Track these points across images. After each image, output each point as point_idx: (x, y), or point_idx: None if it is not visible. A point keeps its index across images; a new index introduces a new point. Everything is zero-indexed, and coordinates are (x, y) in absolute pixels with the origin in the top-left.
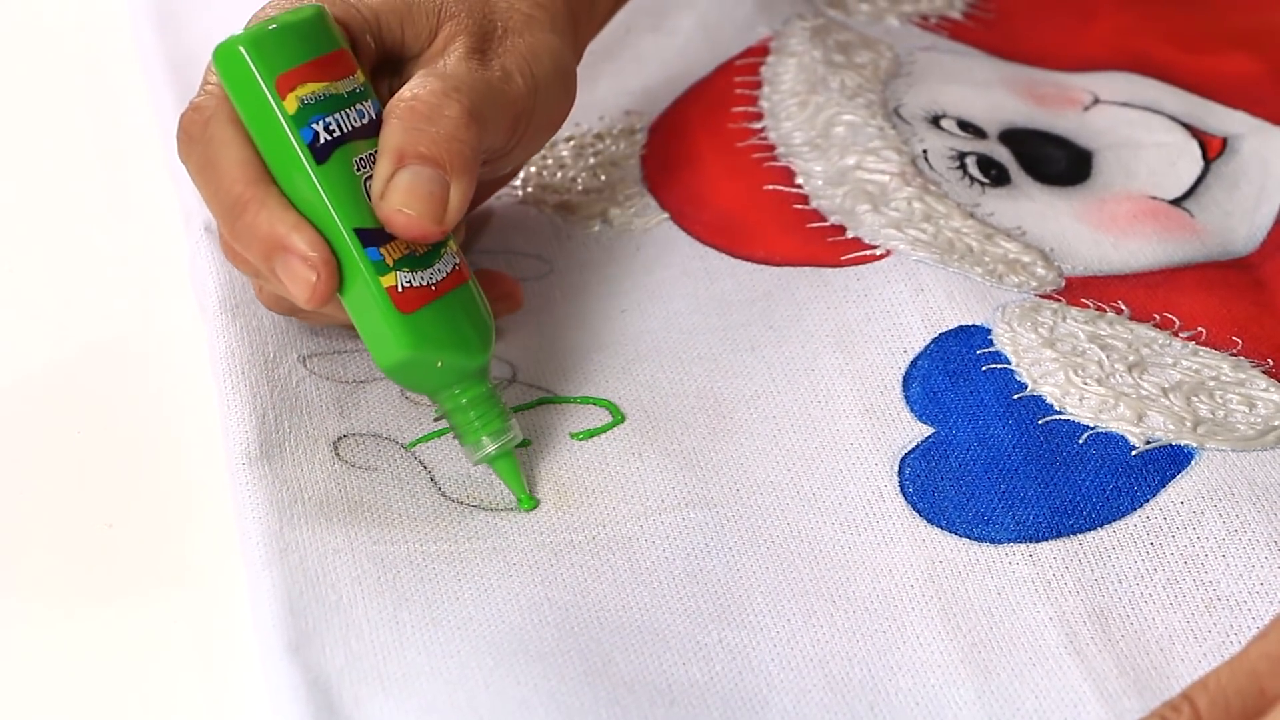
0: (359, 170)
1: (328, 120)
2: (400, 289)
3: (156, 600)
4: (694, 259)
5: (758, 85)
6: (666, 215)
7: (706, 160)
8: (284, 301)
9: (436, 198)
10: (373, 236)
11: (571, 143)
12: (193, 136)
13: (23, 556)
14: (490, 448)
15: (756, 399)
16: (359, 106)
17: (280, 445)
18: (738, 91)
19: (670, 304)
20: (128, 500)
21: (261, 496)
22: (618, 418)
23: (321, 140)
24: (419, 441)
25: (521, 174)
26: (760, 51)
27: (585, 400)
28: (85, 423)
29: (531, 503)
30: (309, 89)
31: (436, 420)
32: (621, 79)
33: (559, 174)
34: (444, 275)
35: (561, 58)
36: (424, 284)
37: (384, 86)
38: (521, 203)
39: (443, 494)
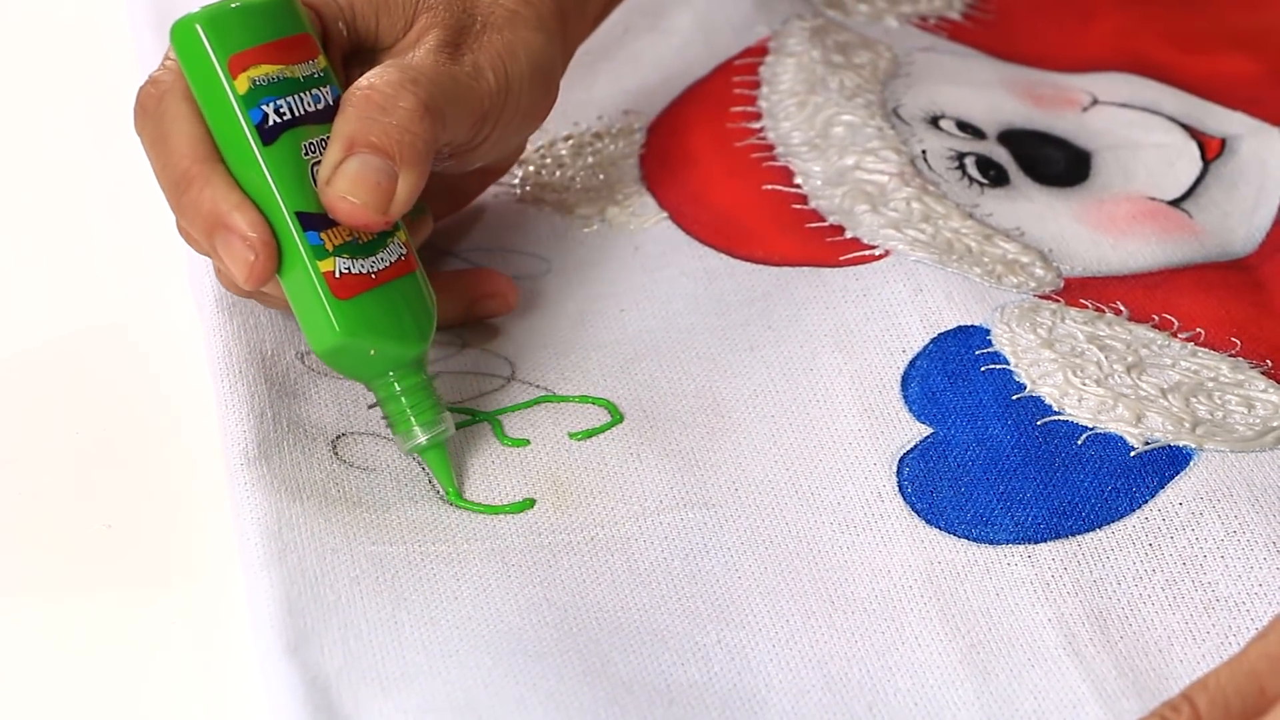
0: (308, 154)
1: (279, 103)
2: (338, 274)
3: (155, 601)
4: (693, 259)
5: (756, 85)
6: (665, 215)
7: (705, 160)
8: (255, 292)
9: (383, 188)
10: (315, 221)
11: (570, 142)
12: (147, 110)
13: (21, 557)
14: (421, 438)
15: (755, 399)
16: (316, 91)
17: (279, 445)
18: (736, 91)
19: (669, 303)
20: (126, 501)
21: (260, 497)
22: (616, 417)
23: (270, 122)
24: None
25: (520, 172)
26: (759, 51)
27: (584, 399)
28: (84, 423)
29: (458, 497)
30: (262, 70)
31: (371, 407)
32: (620, 78)
33: (558, 173)
34: (387, 265)
35: (542, 56)
36: (364, 271)
37: (356, 76)
38: (520, 201)
39: (441, 495)
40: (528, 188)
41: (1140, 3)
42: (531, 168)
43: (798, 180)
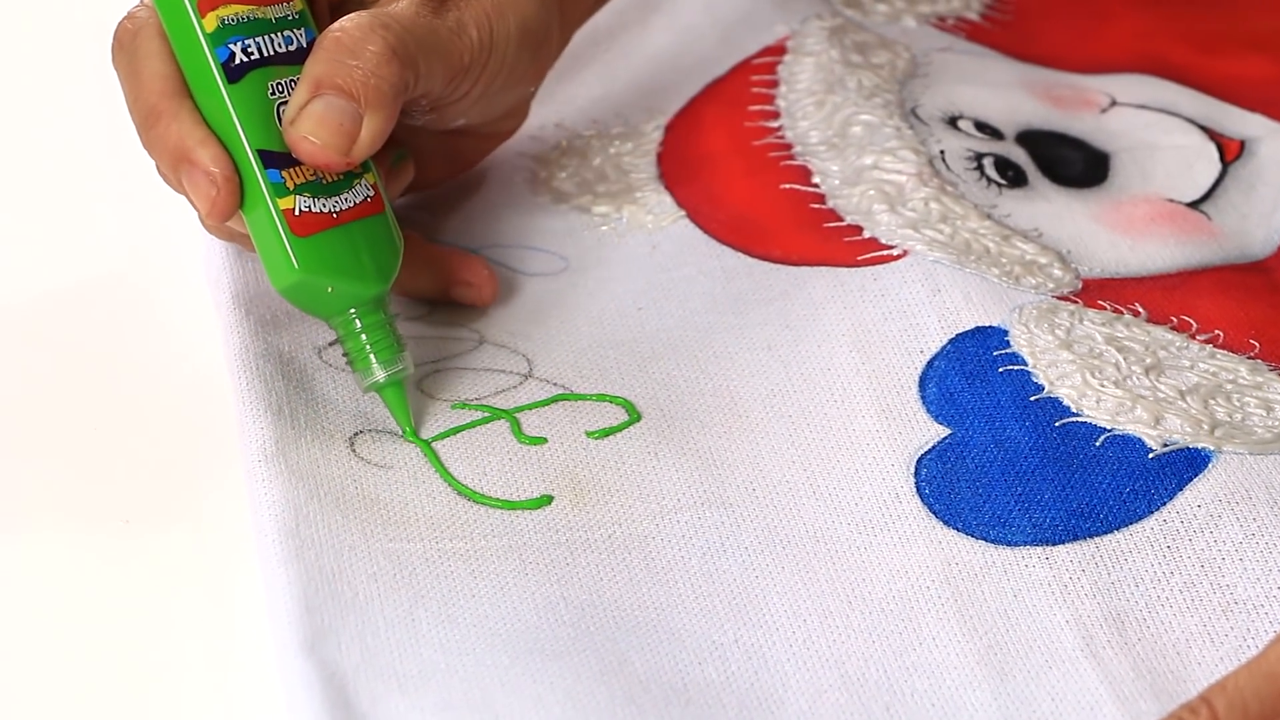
0: (274, 94)
1: (247, 43)
2: (298, 212)
3: (172, 597)
4: (710, 258)
5: (774, 84)
6: (683, 213)
7: (723, 159)
8: (223, 228)
9: (345, 129)
10: (277, 159)
11: (588, 139)
12: (122, 45)
13: (40, 552)
14: (379, 375)
15: (772, 398)
16: (288, 33)
17: (296, 441)
18: (754, 90)
19: (686, 302)
20: (144, 496)
21: (278, 493)
22: (634, 416)
23: (237, 60)
24: (437, 438)
25: (538, 170)
26: (777, 51)
27: (601, 398)
28: (102, 419)
29: (414, 436)
30: (232, 10)
31: (331, 345)
32: (638, 77)
33: (575, 171)
34: (351, 205)
35: (533, 20)
36: (325, 210)
37: None
38: (537, 199)
39: (459, 493)
40: (545, 185)
41: (1159, 4)
42: (550, 165)
43: (815, 179)
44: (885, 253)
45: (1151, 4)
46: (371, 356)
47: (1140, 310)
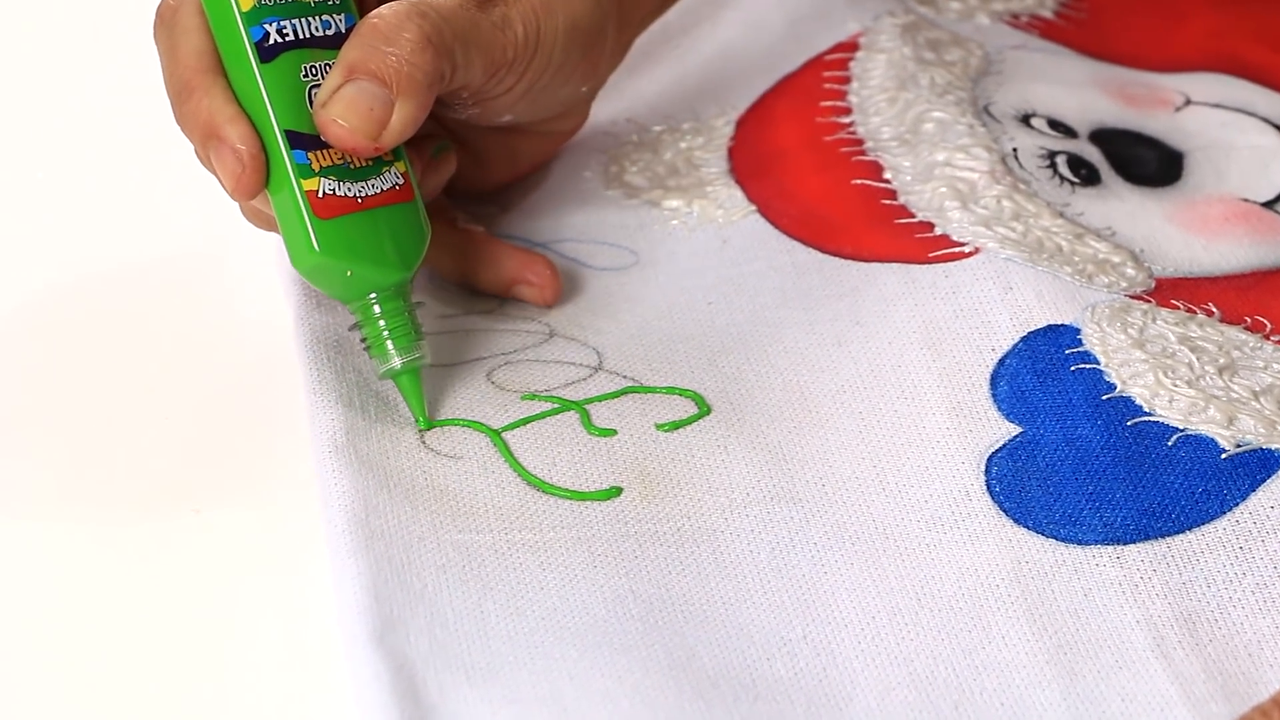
0: (306, 77)
1: (282, 24)
2: (321, 194)
3: (242, 586)
4: (781, 253)
5: (846, 80)
6: (754, 208)
7: (794, 154)
8: (259, 216)
9: (375, 115)
10: (304, 141)
11: (660, 134)
12: (163, 20)
13: (111, 542)
14: (395, 361)
15: (842, 394)
16: (327, 18)
17: (366, 432)
18: (826, 86)
19: (757, 297)
20: (215, 486)
21: (347, 484)
22: (703, 409)
23: (271, 40)
24: (507, 429)
25: (609, 164)
26: (850, 47)
27: (671, 391)
28: (174, 409)
29: (427, 423)
30: None
31: (351, 329)
32: (710, 72)
33: (646, 165)
34: (378, 191)
35: (584, 18)
36: (349, 195)
37: None
38: (608, 193)
39: (529, 483)
40: (616, 180)
41: (1234, 3)
42: (621, 159)
43: (887, 175)
44: (957, 250)
45: (1227, 3)
46: (389, 343)
47: (1214, 310)
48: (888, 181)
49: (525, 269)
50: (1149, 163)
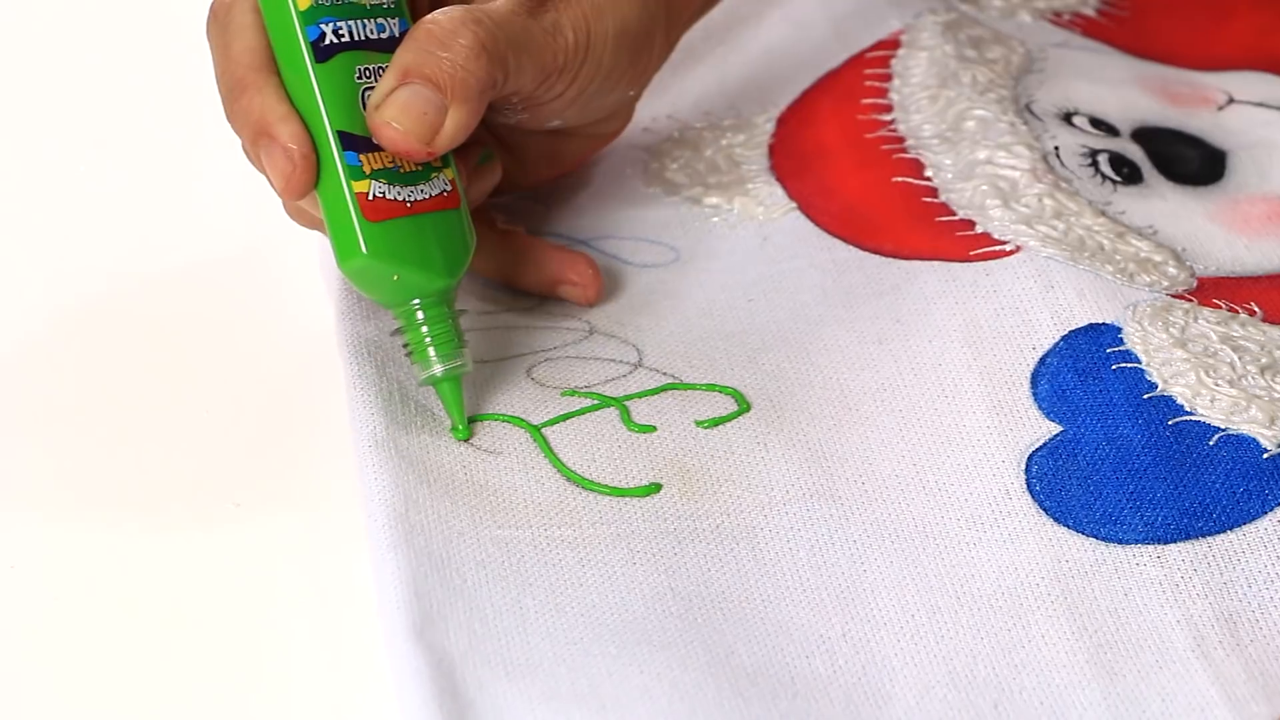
0: (360, 79)
1: (338, 24)
2: (371, 197)
3: (282, 580)
4: (821, 250)
5: (888, 78)
6: (794, 206)
7: (835, 151)
8: (303, 214)
9: (429, 119)
10: (356, 142)
11: (700, 131)
12: (216, 17)
13: (151, 535)
14: (436, 368)
15: (883, 392)
16: (381, 20)
17: (407, 427)
18: (868, 84)
19: (797, 295)
20: (255, 480)
21: (388, 478)
22: (743, 406)
23: (327, 40)
24: (547, 424)
25: (650, 162)
26: (891, 45)
27: (711, 388)
28: (214, 402)
29: (466, 433)
30: None
31: (393, 334)
32: (751, 69)
33: (687, 162)
34: (427, 197)
35: (633, 23)
36: (399, 199)
37: None
38: (649, 190)
39: (568, 479)
40: (657, 177)
41: (1278, 1)
42: (662, 157)
43: (928, 173)
44: (998, 248)
45: (1270, 1)
46: (431, 350)
47: (1256, 309)
48: (929, 179)
49: (568, 268)
50: (1191, 161)
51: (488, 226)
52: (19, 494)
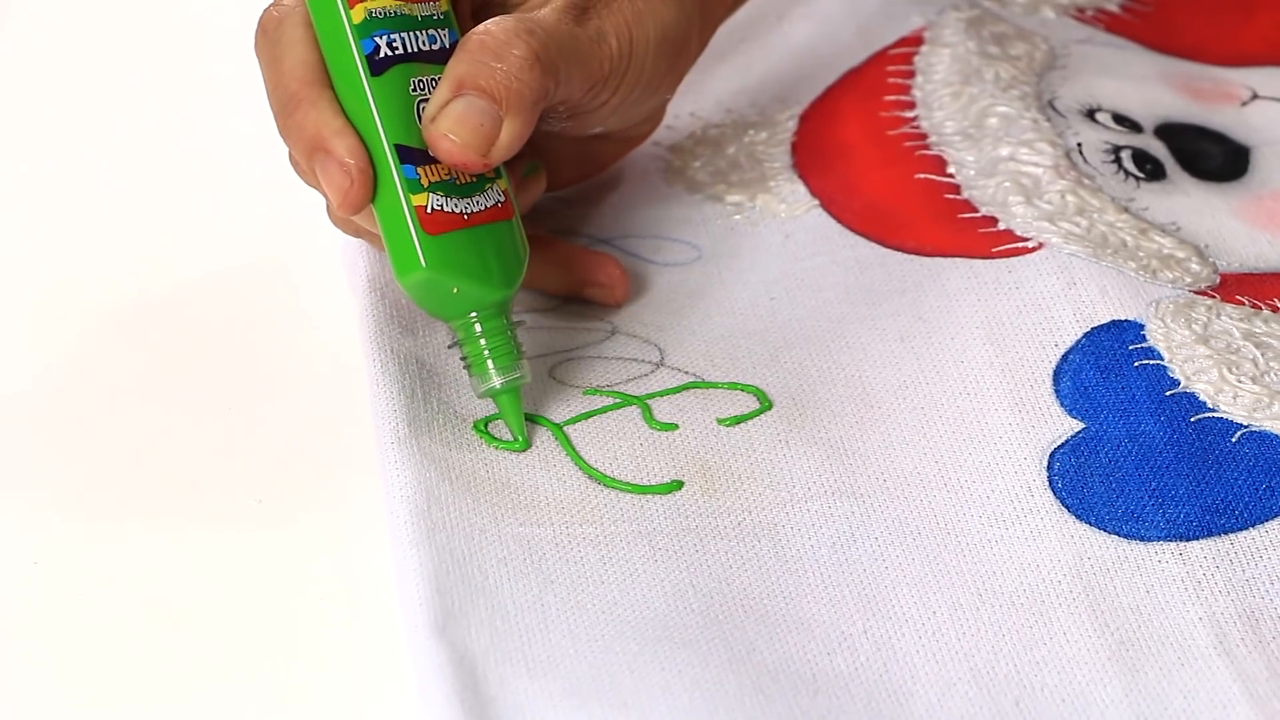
0: (415, 91)
1: (392, 37)
2: (429, 210)
3: (304, 577)
4: (844, 248)
5: (911, 75)
6: (817, 203)
7: (858, 148)
8: (349, 223)
9: (485, 131)
10: (413, 155)
11: (723, 129)
12: (266, 32)
13: (173, 532)
14: (495, 381)
15: (905, 389)
16: (433, 32)
17: (429, 424)
18: (890, 80)
19: (819, 292)
20: (278, 477)
21: (410, 476)
22: (765, 404)
23: (381, 54)
24: (568, 422)
25: (673, 160)
26: (914, 41)
27: (733, 386)
28: (236, 399)
29: (525, 444)
30: (380, 3)
31: (451, 347)
32: (773, 66)
33: (710, 160)
34: (482, 208)
35: (672, 28)
36: (456, 211)
37: None
38: (671, 188)
39: (590, 476)
40: (679, 175)
41: None
42: (684, 155)
43: (951, 170)
44: (1020, 245)
45: None
46: (490, 362)
47: (1279, 306)
48: (951, 176)
49: (595, 270)
50: (1215, 157)
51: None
52: (43, 491)
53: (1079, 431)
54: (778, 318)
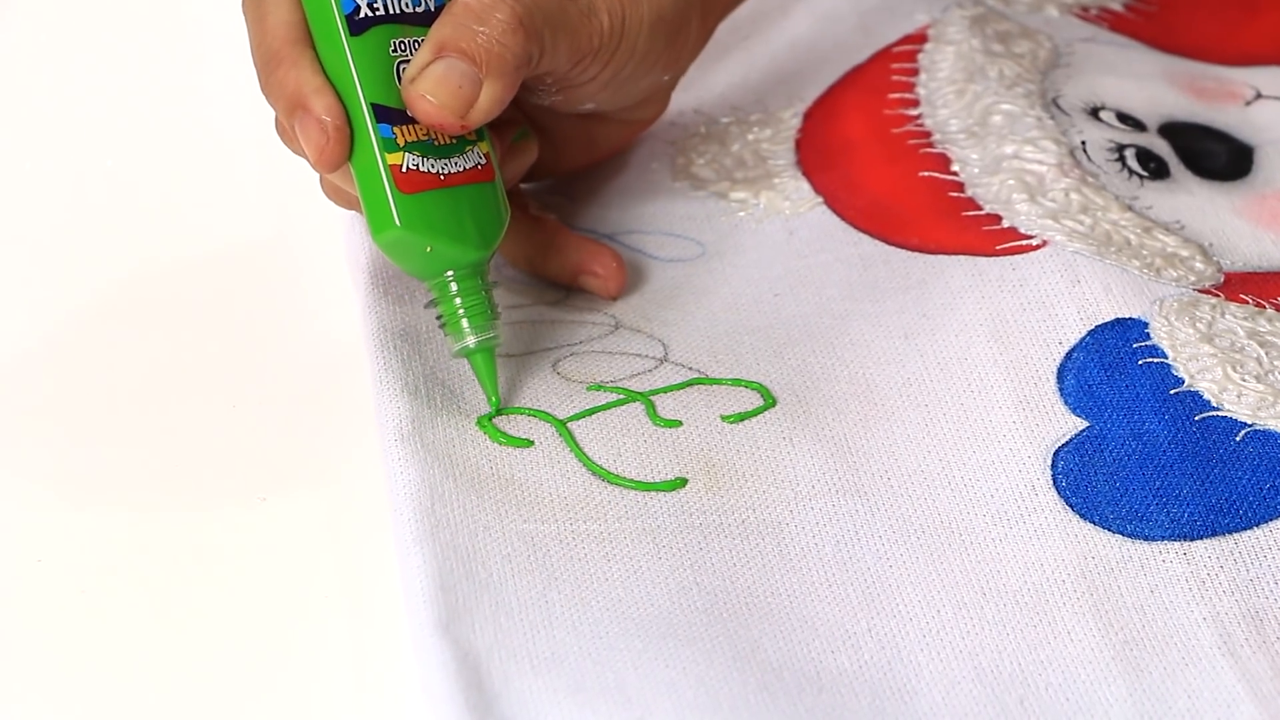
0: (395, 52)
1: None
2: (405, 169)
3: (309, 574)
4: (848, 245)
5: (914, 72)
6: (821, 200)
7: (862, 146)
8: (341, 193)
9: (464, 93)
10: (390, 115)
11: (727, 126)
12: None
13: (177, 528)
14: (469, 340)
15: (908, 387)
16: None
17: (432, 421)
18: (894, 78)
19: (823, 289)
20: (281, 474)
21: (413, 472)
22: (769, 401)
23: (361, 14)
24: (573, 419)
25: (676, 156)
26: (918, 39)
27: (737, 383)
28: (240, 397)
29: (498, 403)
30: None
31: (427, 306)
32: (778, 64)
33: (714, 157)
34: (460, 170)
35: (669, 10)
36: (432, 171)
37: None
38: (674, 184)
39: (594, 473)
40: (684, 171)
41: None
42: (688, 150)
43: (955, 168)
44: (1024, 242)
45: None
46: (464, 322)
47: None
48: (955, 174)
49: (592, 259)
50: (1218, 156)
51: (520, 210)
52: (45, 488)
53: (1083, 430)
54: (781, 314)
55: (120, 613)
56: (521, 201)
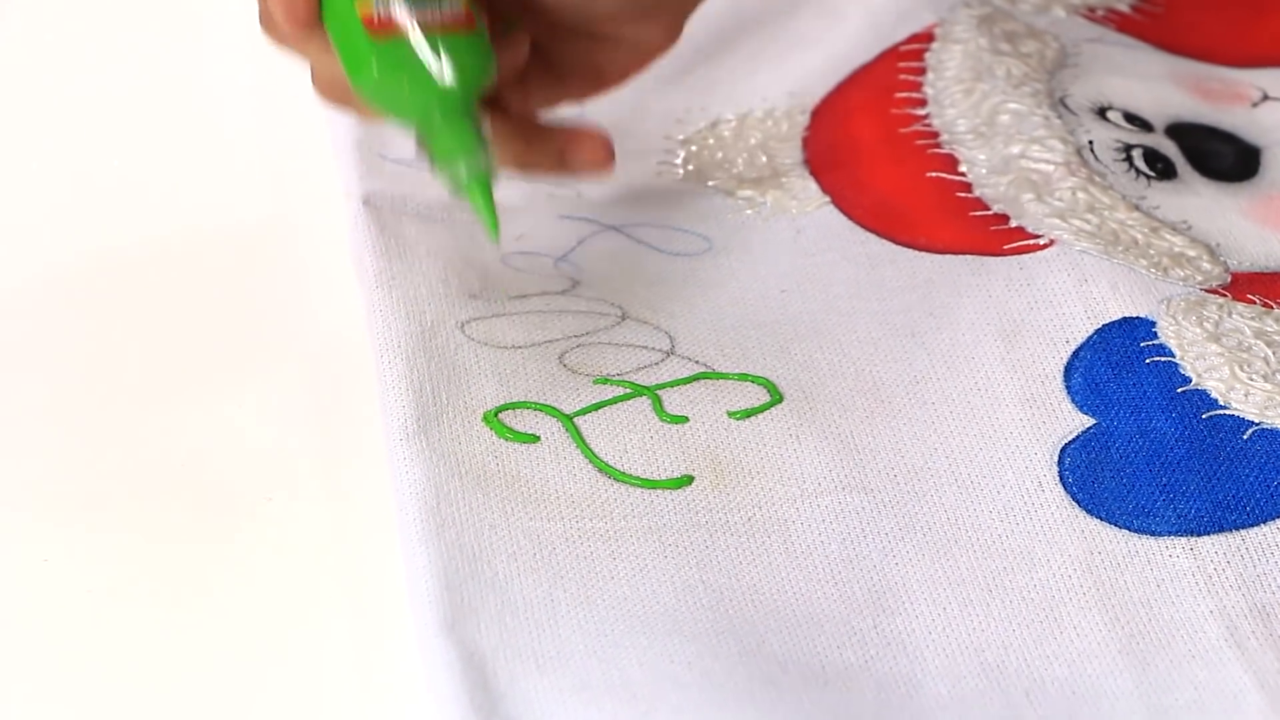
0: None
1: None
2: (376, 17)
3: (313, 574)
4: (855, 244)
5: (922, 72)
6: (827, 199)
7: (869, 145)
8: (334, 89)
9: None
10: None
11: (733, 124)
12: None
13: (182, 529)
14: (460, 170)
15: (915, 385)
16: None
17: (438, 419)
18: (901, 77)
19: (830, 287)
20: (286, 474)
21: (419, 471)
22: (775, 397)
23: None
24: (579, 414)
25: (683, 152)
26: (925, 38)
27: (743, 377)
28: (245, 396)
29: (498, 234)
30: None
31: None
32: (784, 62)
33: (720, 154)
34: (437, 18)
35: None
36: (404, 19)
37: None
38: (683, 181)
39: (600, 470)
40: (691, 167)
41: None
42: (695, 148)
43: (962, 168)
44: (1032, 242)
45: None
46: (451, 153)
47: None
48: (963, 174)
49: (574, 138)
50: (1225, 157)
51: (500, 114)
52: (51, 488)
53: (1090, 427)
54: (788, 310)
55: (127, 612)
56: (503, 104)
